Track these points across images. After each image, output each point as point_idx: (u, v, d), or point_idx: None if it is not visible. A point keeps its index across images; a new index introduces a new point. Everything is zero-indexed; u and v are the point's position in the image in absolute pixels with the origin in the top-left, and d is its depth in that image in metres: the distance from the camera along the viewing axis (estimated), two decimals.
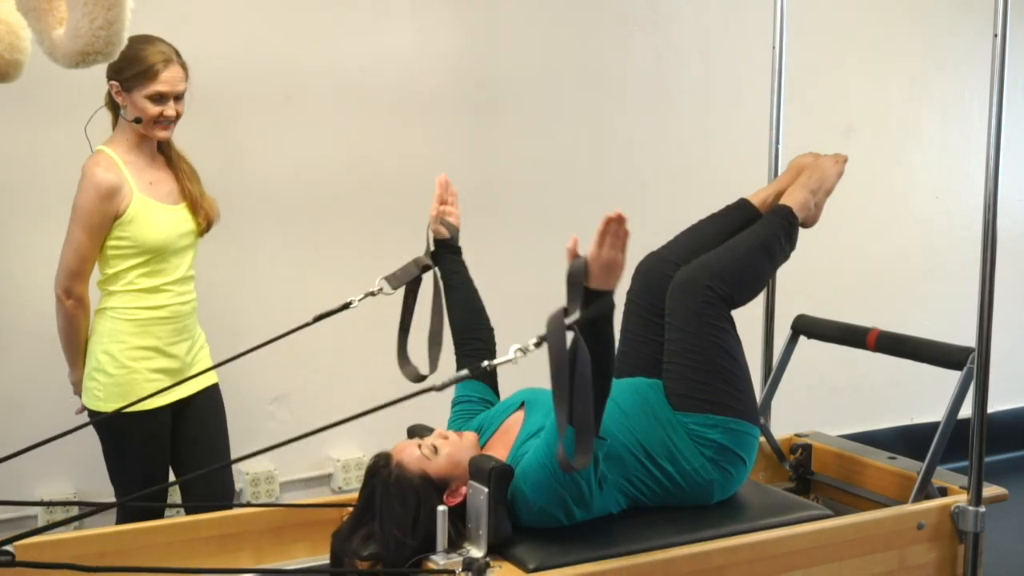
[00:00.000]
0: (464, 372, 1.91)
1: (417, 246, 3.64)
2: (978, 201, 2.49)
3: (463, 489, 2.16)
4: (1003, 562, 3.56)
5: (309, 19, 3.40)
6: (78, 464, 3.15)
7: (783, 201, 2.65)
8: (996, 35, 2.38)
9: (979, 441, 2.45)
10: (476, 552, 2.08)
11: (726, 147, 4.08)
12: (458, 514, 2.14)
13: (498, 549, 2.10)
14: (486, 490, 2.07)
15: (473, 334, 2.58)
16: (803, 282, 4.06)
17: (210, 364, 2.83)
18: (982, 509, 2.47)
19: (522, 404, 2.38)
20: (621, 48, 3.93)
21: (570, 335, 1.89)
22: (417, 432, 2.32)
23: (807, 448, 2.99)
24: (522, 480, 2.12)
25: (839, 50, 4.38)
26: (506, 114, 3.76)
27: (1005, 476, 3.41)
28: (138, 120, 2.62)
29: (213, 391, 2.88)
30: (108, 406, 2.66)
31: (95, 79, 2.68)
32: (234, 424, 3.03)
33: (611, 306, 1.96)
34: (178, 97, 2.65)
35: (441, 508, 2.08)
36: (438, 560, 2.05)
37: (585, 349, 1.88)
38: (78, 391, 2.78)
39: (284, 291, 3.46)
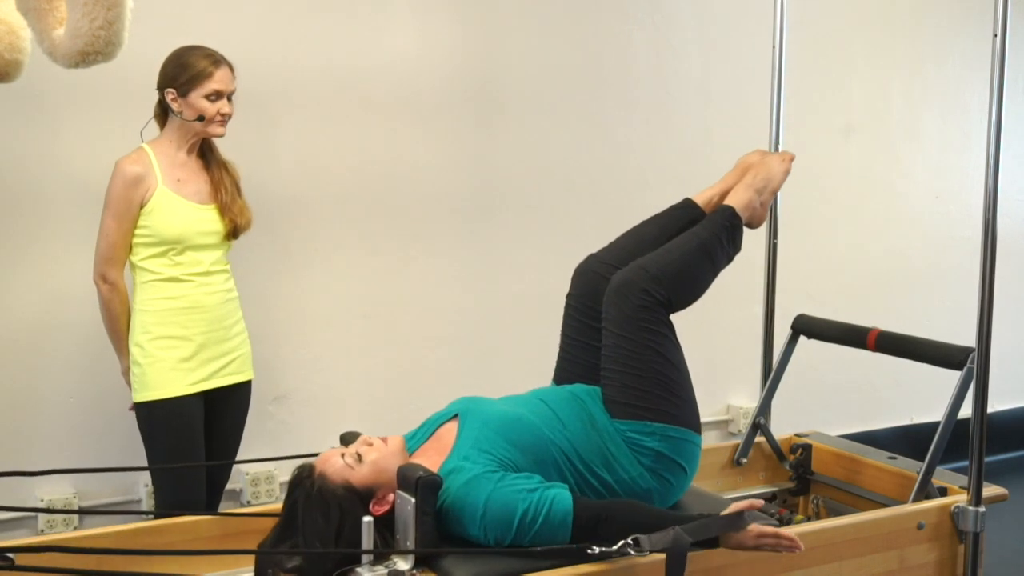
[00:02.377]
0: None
1: (416, 245, 3.67)
2: (978, 201, 2.49)
3: (390, 497, 2.10)
4: (1003, 562, 3.56)
5: (309, 20, 3.40)
6: (78, 465, 3.15)
7: (727, 201, 2.58)
8: (996, 35, 2.38)
9: (979, 441, 2.45)
10: (403, 564, 2.02)
11: (726, 147, 4.06)
12: (387, 522, 2.08)
13: (426, 561, 2.05)
14: (413, 500, 2.01)
15: None
16: (803, 282, 4.07)
17: (249, 358, 2.91)
18: (982, 509, 2.47)
19: (456, 415, 2.30)
20: (621, 48, 3.93)
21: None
22: (347, 439, 2.26)
23: (807, 448, 2.99)
24: (489, 505, 2.05)
25: (839, 50, 4.38)
26: (506, 114, 3.76)
27: (1005, 476, 3.41)
28: (201, 118, 2.72)
29: (248, 387, 2.93)
30: (142, 396, 2.75)
31: (96, 79, 2.68)
32: None
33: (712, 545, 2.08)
34: (229, 96, 2.76)
35: (367, 519, 2.00)
36: (362, 572, 1.99)
37: None
38: (130, 386, 2.84)
39: (279, 290, 3.46)
